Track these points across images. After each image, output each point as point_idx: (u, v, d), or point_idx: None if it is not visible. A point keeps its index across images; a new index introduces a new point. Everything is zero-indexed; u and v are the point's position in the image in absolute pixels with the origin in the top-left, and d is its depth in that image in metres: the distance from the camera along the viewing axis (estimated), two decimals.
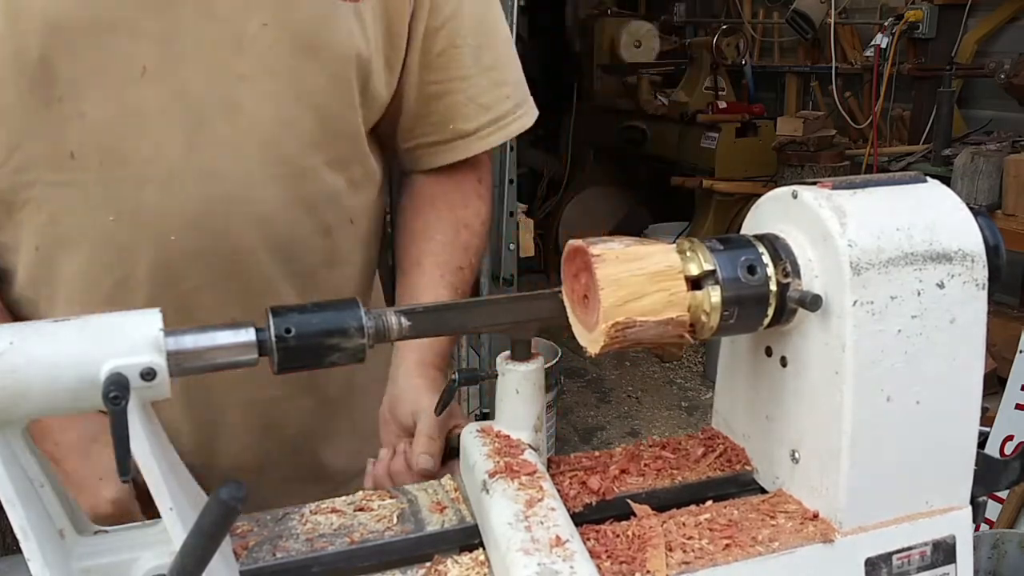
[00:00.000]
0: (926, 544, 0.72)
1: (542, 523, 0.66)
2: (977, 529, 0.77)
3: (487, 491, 0.71)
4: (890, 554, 0.71)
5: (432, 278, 1.06)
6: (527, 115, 1.12)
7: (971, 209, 0.72)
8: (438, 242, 1.08)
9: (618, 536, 0.69)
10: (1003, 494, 2.32)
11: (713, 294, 0.66)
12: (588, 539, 0.68)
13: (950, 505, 0.74)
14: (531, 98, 1.14)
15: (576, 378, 4.45)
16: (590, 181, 5.84)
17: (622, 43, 5.39)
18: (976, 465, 0.75)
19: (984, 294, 0.70)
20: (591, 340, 0.67)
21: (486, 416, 3.02)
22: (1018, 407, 2.40)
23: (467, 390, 3.29)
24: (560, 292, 0.72)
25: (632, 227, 5.38)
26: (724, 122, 4.57)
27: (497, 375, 0.78)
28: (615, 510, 0.74)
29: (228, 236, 0.93)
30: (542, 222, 5.39)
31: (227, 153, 0.90)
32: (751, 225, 0.76)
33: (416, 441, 0.92)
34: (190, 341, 0.61)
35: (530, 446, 0.76)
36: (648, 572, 0.64)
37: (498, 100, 1.08)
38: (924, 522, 0.72)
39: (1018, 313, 3.46)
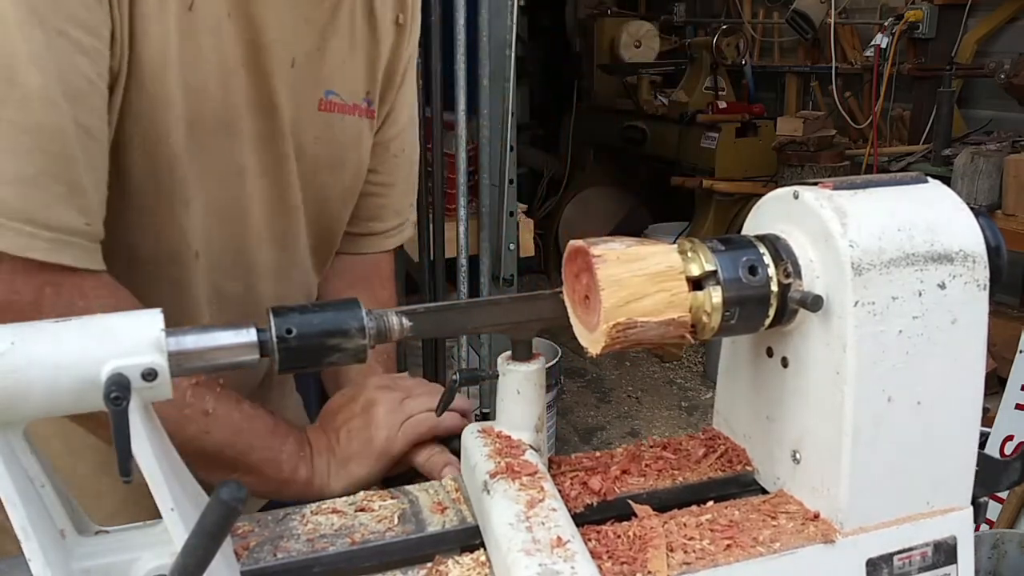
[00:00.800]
0: (927, 545, 0.72)
1: (543, 524, 0.66)
2: (977, 529, 0.77)
3: (488, 492, 0.71)
4: (891, 555, 0.71)
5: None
6: (410, 228, 1.29)
7: (972, 209, 0.72)
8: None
9: (619, 537, 0.69)
10: (1003, 494, 2.32)
11: (714, 294, 0.66)
12: (589, 540, 0.68)
13: (951, 505, 0.74)
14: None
15: (576, 378, 4.45)
16: (590, 181, 5.84)
17: (622, 43, 5.39)
18: (977, 465, 0.75)
19: (985, 295, 0.70)
20: (592, 340, 0.67)
21: (486, 416, 3.01)
22: (1018, 407, 2.40)
23: (467, 390, 3.29)
24: (560, 292, 0.72)
25: (632, 227, 5.38)
26: (724, 122, 4.56)
27: (497, 375, 0.78)
28: (616, 511, 0.74)
29: (249, 292, 1.03)
30: (542, 222, 5.39)
31: (294, 249, 1.05)
32: (752, 225, 0.76)
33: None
34: (191, 341, 0.61)
35: (531, 446, 0.76)
36: (649, 573, 0.64)
37: (403, 208, 1.24)
38: (925, 523, 0.72)
39: (1018, 313, 3.47)
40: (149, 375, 0.57)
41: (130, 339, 0.58)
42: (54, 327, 0.57)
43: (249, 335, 0.63)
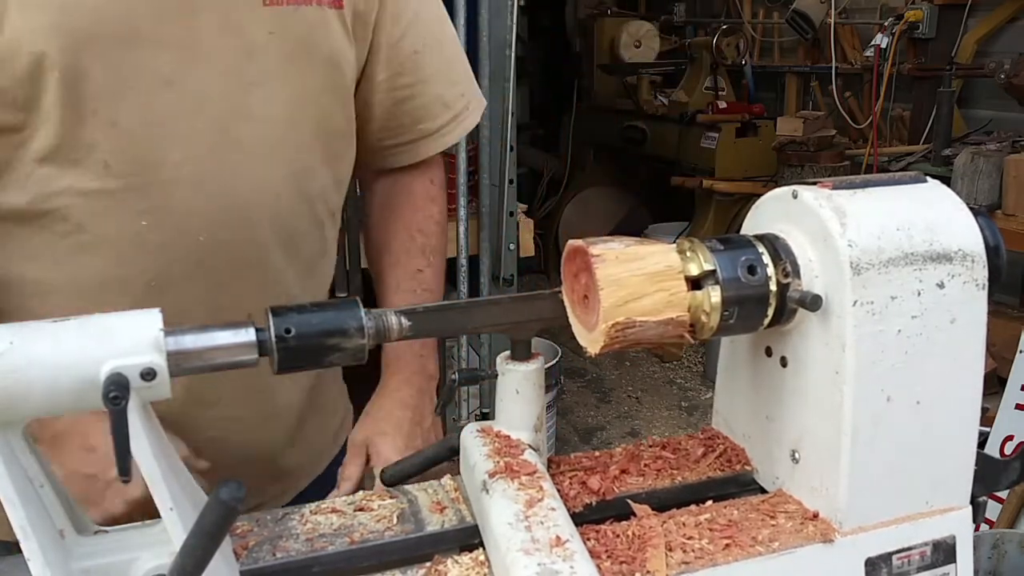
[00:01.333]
0: (926, 544, 0.72)
1: (542, 523, 0.66)
2: (977, 529, 0.77)
3: (487, 491, 0.71)
4: (890, 554, 0.71)
5: (389, 286, 1.20)
6: (477, 108, 1.21)
7: (971, 209, 0.72)
8: (394, 251, 1.21)
9: (618, 536, 0.69)
10: (1003, 494, 2.32)
11: (713, 294, 0.66)
12: (588, 539, 0.68)
13: (950, 505, 0.74)
14: (477, 87, 1.23)
15: (576, 378, 4.45)
16: (590, 181, 5.84)
17: (622, 43, 5.39)
18: (976, 465, 0.75)
19: (984, 294, 0.70)
20: (591, 340, 0.67)
21: (486, 416, 3.02)
22: (1018, 407, 2.40)
23: (467, 390, 3.29)
24: (560, 292, 0.72)
25: (632, 227, 5.38)
26: (724, 122, 4.56)
27: (497, 375, 0.78)
28: (615, 510, 0.74)
29: (248, 232, 0.98)
30: (542, 222, 5.39)
31: (244, 156, 0.96)
32: (751, 225, 0.76)
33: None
34: (190, 341, 0.61)
35: (530, 446, 0.76)
36: (648, 572, 0.64)
37: (455, 98, 1.17)
38: (924, 522, 0.72)
39: (1018, 313, 3.46)
40: (148, 375, 0.57)
41: (129, 339, 0.58)
42: (53, 327, 0.58)
43: (248, 334, 0.63)
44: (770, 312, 0.69)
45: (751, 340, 0.78)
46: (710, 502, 0.74)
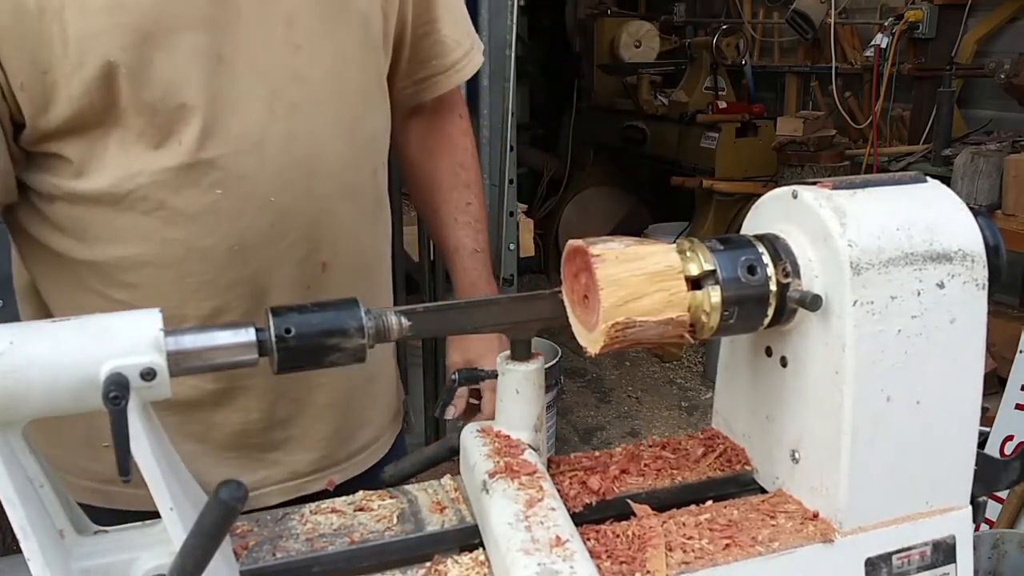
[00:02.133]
0: (926, 544, 0.72)
1: (542, 523, 0.66)
2: (977, 529, 0.77)
3: (487, 491, 0.71)
4: (890, 554, 0.71)
5: (448, 223, 1.27)
6: (478, 51, 1.28)
7: (971, 209, 0.72)
8: (443, 189, 1.28)
9: (618, 536, 0.69)
10: (1003, 494, 2.32)
11: (713, 294, 0.66)
12: (588, 539, 0.68)
13: (950, 505, 0.74)
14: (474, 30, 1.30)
15: (576, 378, 4.45)
16: (590, 181, 5.83)
17: (622, 43, 5.39)
18: (976, 465, 0.75)
19: (984, 294, 0.70)
20: (591, 340, 0.67)
21: None
22: (1018, 407, 2.40)
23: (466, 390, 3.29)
24: (560, 292, 0.72)
25: (632, 227, 5.38)
26: (724, 122, 4.56)
27: (497, 375, 0.78)
28: (615, 510, 0.74)
29: (311, 188, 1.03)
30: (542, 222, 5.39)
31: (298, 117, 1.01)
32: (751, 225, 0.76)
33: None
34: (190, 341, 0.61)
35: (530, 446, 0.76)
36: (648, 572, 0.64)
37: (462, 36, 1.24)
38: (924, 522, 0.72)
39: (1018, 313, 3.46)
40: (148, 375, 0.57)
41: (129, 339, 0.58)
42: (53, 327, 0.58)
43: (248, 335, 0.63)
44: (770, 312, 0.69)
45: (751, 340, 0.78)
46: (710, 502, 0.74)
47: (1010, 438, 2.38)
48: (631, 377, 4.54)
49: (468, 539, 0.73)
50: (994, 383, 2.61)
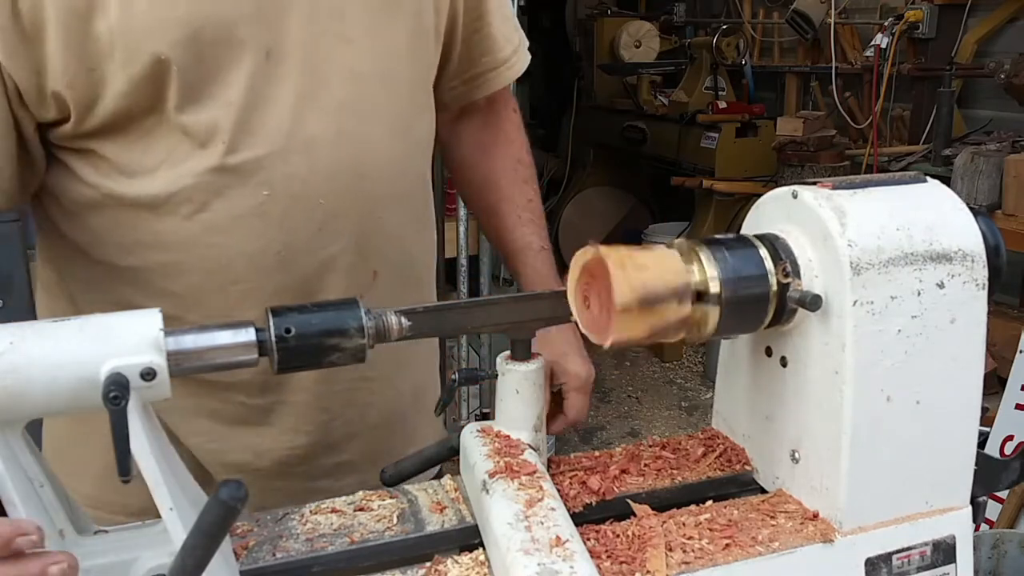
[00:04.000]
0: (926, 544, 0.72)
1: (542, 523, 0.66)
2: (977, 529, 0.77)
3: (487, 491, 0.71)
4: (890, 554, 0.71)
5: (510, 221, 1.21)
6: (526, 47, 1.23)
7: (971, 209, 0.72)
8: (503, 186, 1.22)
9: (618, 536, 0.69)
10: (1003, 494, 2.32)
11: (713, 293, 0.66)
12: (588, 539, 0.68)
13: (950, 505, 0.74)
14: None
15: None
16: (590, 181, 5.83)
17: (622, 43, 5.39)
18: (976, 465, 0.75)
19: (984, 294, 0.70)
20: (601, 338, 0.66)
21: (486, 416, 3.01)
22: (1018, 407, 2.40)
23: (467, 390, 3.29)
24: (560, 292, 0.73)
25: (632, 227, 5.38)
26: (724, 122, 4.56)
27: (497, 375, 0.78)
28: (615, 510, 0.74)
29: (362, 191, 0.99)
30: None
31: (350, 115, 0.97)
32: (751, 225, 0.76)
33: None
34: (190, 341, 0.61)
35: (530, 446, 0.76)
36: (648, 572, 0.64)
37: (511, 32, 1.20)
38: (924, 522, 0.72)
39: (1018, 313, 3.46)
40: (148, 375, 0.57)
41: (129, 338, 0.58)
42: (53, 327, 0.58)
43: (248, 335, 0.63)
44: (770, 312, 0.69)
45: (751, 340, 0.78)
46: (710, 502, 0.74)
47: (1010, 438, 2.37)
48: (631, 377, 4.54)
49: (468, 539, 0.73)
50: (994, 383, 2.61)
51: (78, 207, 0.94)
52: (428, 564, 0.70)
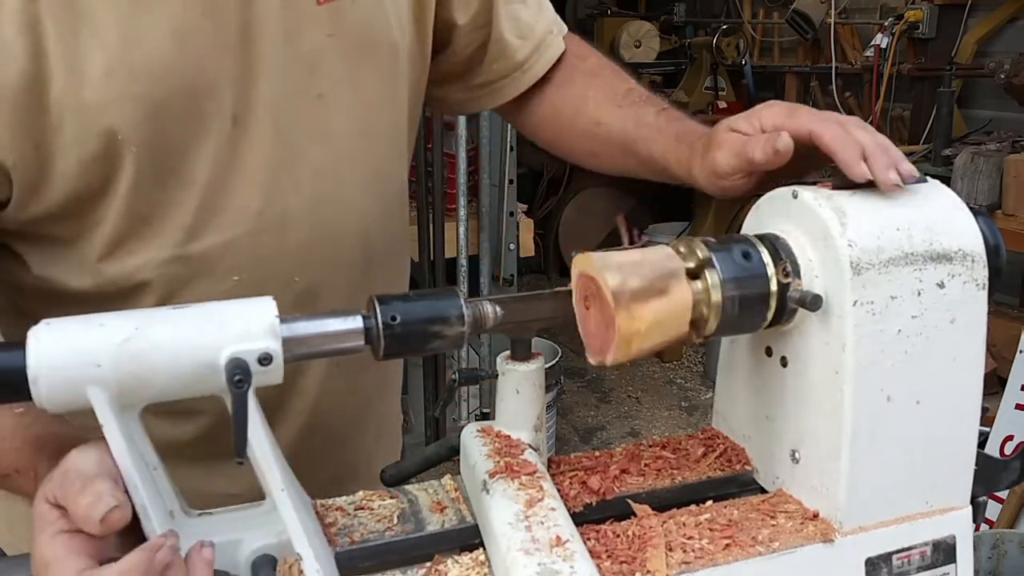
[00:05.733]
0: (926, 544, 0.72)
1: (542, 523, 0.66)
2: (977, 529, 0.77)
3: (487, 491, 0.71)
4: (890, 554, 0.71)
5: (633, 134, 1.07)
6: (558, 39, 1.13)
7: (971, 209, 0.72)
8: (612, 129, 1.07)
9: (618, 536, 0.69)
10: (1003, 494, 2.32)
11: (714, 294, 0.66)
12: (588, 539, 0.68)
13: (950, 505, 0.74)
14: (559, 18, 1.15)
15: (576, 378, 4.45)
16: (590, 181, 5.82)
17: (622, 43, 5.38)
18: (976, 465, 0.75)
19: (984, 294, 0.70)
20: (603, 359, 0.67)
21: (486, 416, 3.02)
22: (1018, 407, 2.40)
23: (467, 390, 3.29)
24: (560, 292, 0.73)
25: (632, 227, 5.38)
26: None
27: (497, 375, 0.78)
28: (615, 510, 0.74)
29: (337, 258, 0.93)
30: (542, 222, 5.37)
31: (326, 182, 0.90)
32: (751, 225, 0.76)
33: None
34: (302, 328, 0.63)
35: (530, 446, 0.76)
36: (648, 572, 0.64)
37: (525, 30, 1.10)
38: (924, 522, 0.72)
39: (1018, 313, 3.46)
40: (265, 360, 0.59)
41: (247, 325, 0.59)
42: (175, 314, 0.59)
43: (356, 322, 0.64)
44: (770, 312, 0.69)
45: (751, 340, 0.78)
46: (710, 502, 0.74)
47: (1010, 438, 2.38)
48: (631, 377, 4.54)
49: (468, 539, 0.73)
50: (994, 383, 2.61)
51: (28, 298, 0.87)
52: (428, 564, 0.70)
